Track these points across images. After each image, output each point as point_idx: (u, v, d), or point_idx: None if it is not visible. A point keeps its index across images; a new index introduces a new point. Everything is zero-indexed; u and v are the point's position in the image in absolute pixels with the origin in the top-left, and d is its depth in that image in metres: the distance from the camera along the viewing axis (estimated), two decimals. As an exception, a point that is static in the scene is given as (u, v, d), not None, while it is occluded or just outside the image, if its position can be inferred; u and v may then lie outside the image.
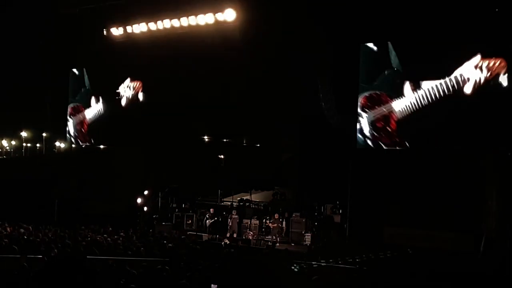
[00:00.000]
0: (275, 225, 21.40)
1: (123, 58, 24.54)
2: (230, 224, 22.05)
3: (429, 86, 18.44)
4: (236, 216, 22.18)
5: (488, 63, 17.38)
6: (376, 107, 19.48)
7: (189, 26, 21.38)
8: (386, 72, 19.53)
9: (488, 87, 17.45)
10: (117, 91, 25.55)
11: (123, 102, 25.96)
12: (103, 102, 26.64)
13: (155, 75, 24.97)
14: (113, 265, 12.68)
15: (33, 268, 11.87)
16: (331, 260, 16.61)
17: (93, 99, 27.22)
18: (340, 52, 19.55)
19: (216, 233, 21.57)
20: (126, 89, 26.01)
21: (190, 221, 23.76)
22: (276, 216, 21.68)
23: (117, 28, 23.19)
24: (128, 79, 25.98)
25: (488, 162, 18.54)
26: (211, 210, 22.81)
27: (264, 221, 22.03)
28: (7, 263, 13.05)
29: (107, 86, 25.98)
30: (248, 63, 22.30)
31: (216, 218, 22.50)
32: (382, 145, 19.44)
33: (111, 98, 25.77)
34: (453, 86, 17.98)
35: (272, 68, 22.33)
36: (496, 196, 18.10)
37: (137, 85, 25.88)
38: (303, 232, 21.33)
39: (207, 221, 22.55)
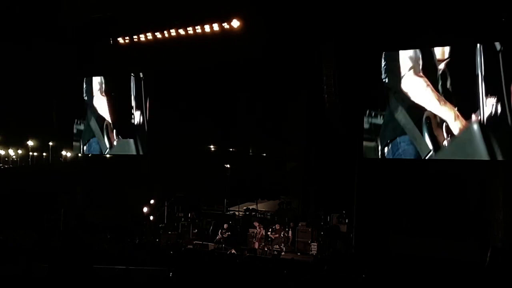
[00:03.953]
0: (277, 235, 21.37)
1: (128, 66, 24.68)
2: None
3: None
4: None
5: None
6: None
7: (195, 34, 21.43)
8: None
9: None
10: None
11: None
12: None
13: (161, 82, 25.17)
14: (118, 273, 12.66)
15: (39, 276, 11.88)
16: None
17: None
18: (346, 60, 19.55)
19: (234, 246, 21.29)
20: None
21: (196, 230, 23.69)
22: (277, 226, 21.63)
23: (124, 37, 23.27)
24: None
25: (493, 171, 18.50)
26: (225, 226, 22.54)
27: (265, 232, 21.91)
28: (13, 271, 13.06)
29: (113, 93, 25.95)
30: (254, 72, 22.45)
31: (230, 233, 22.31)
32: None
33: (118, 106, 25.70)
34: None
35: (278, 77, 22.45)
36: (503, 205, 18.04)
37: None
38: (309, 242, 21.26)
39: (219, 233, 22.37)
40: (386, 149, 19.92)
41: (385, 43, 19.57)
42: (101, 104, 27.45)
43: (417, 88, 19.19)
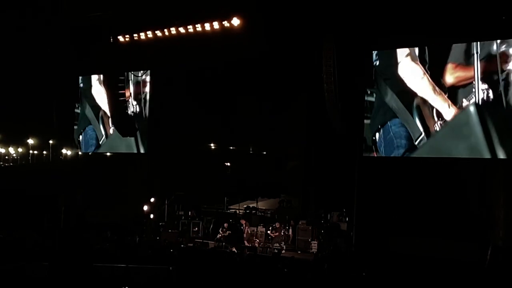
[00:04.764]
0: (277, 233, 21.39)
1: (128, 64, 24.74)
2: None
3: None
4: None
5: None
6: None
7: (196, 33, 21.42)
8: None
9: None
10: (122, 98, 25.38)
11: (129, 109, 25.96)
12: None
13: (161, 81, 25.22)
14: (119, 272, 12.67)
15: (39, 275, 11.88)
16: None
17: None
18: (345, 58, 19.54)
19: (235, 245, 21.29)
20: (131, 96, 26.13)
21: (196, 228, 23.70)
22: (277, 224, 21.65)
23: (124, 35, 23.26)
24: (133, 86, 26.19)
25: (494, 170, 18.49)
26: (225, 225, 22.52)
27: (265, 230, 21.94)
28: (13, 270, 13.06)
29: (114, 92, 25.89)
30: (254, 71, 22.47)
31: (230, 231, 22.30)
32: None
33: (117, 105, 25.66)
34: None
35: (278, 76, 22.46)
36: (504, 204, 18.02)
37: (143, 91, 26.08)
38: (309, 240, 21.26)
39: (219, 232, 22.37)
40: (377, 134, 20.18)
41: (385, 41, 19.63)
42: (99, 94, 27.71)
43: (413, 76, 19.43)
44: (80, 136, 28.66)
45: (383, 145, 20.02)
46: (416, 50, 19.40)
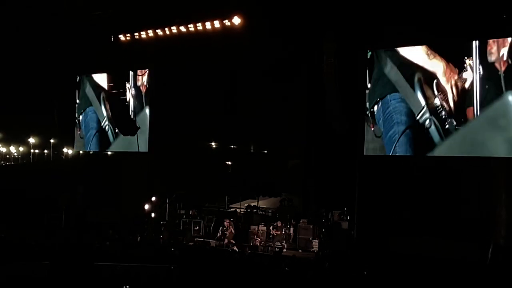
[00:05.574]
0: (279, 232, 21.42)
1: (129, 63, 24.76)
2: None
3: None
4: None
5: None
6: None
7: (196, 32, 21.44)
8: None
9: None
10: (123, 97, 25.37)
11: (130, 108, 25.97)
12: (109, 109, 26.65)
13: (160, 80, 25.22)
14: (120, 271, 12.67)
15: (40, 274, 11.88)
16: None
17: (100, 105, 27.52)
18: (346, 58, 19.51)
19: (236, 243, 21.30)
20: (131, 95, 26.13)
21: (197, 227, 23.69)
22: (279, 223, 21.68)
23: (125, 34, 23.29)
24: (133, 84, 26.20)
25: (496, 168, 18.45)
26: (225, 223, 22.56)
27: (267, 229, 21.96)
28: (14, 269, 13.07)
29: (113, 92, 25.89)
30: (255, 70, 22.47)
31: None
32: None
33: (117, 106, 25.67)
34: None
35: (279, 75, 22.46)
36: (505, 203, 18.00)
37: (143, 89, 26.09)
38: (310, 239, 21.28)
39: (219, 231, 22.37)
40: (376, 107, 19.85)
41: (384, 41, 19.60)
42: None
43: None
44: (80, 116, 28.24)
45: (382, 119, 19.59)
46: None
